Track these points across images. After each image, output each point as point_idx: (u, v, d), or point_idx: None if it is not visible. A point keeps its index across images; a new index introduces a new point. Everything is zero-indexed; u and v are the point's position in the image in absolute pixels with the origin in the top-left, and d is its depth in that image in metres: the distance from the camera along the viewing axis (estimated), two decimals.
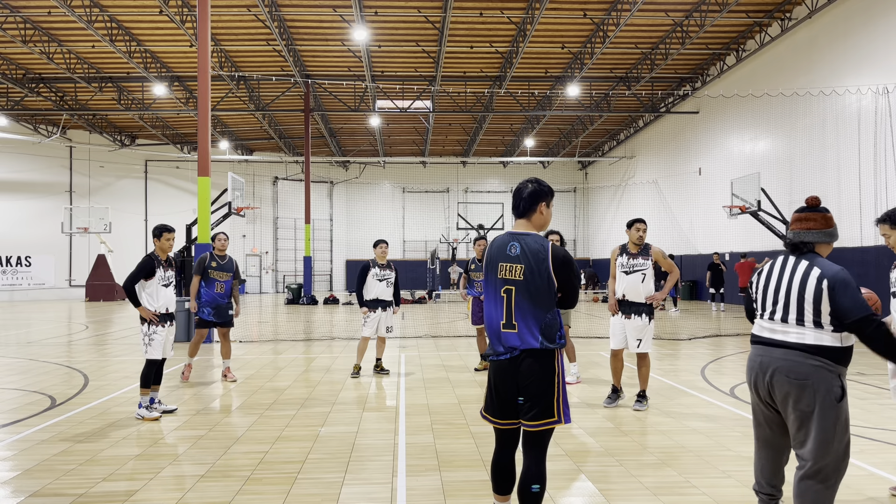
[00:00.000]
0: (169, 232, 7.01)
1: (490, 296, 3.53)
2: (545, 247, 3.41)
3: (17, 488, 4.75)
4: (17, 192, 33.99)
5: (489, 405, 3.58)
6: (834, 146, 19.45)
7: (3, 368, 10.40)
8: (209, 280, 8.97)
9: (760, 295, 3.72)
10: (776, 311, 3.58)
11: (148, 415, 6.83)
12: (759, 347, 3.64)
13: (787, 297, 3.54)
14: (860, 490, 4.63)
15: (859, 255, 18.28)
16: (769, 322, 3.62)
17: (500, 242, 3.54)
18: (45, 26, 21.87)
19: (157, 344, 6.89)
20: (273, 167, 41.12)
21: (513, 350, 3.43)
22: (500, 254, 3.49)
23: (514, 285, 3.43)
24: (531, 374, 3.41)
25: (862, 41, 18.31)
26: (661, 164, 32.27)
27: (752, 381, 3.66)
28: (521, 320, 3.41)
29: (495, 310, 3.49)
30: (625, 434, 6.13)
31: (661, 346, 12.81)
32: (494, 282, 3.49)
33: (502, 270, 3.46)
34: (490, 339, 3.53)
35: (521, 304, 3.41)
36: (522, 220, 3.57)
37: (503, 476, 3.65)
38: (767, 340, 3.59)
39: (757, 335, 3.68)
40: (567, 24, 21.92)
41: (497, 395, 3.51)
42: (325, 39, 23.33)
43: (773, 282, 3.64)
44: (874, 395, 7.81)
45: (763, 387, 3.57)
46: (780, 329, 3.55)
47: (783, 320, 3.53)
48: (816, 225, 3.93)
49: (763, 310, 3.68)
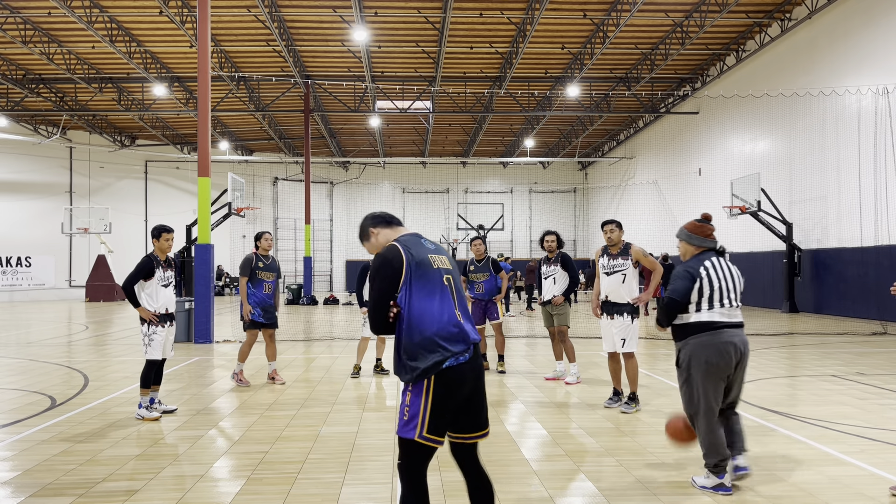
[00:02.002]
0: (168, 232, 6.98)
1: (431, 291, 3.16)
2: None
3: (17, 488, 4.75)
4: (18, 192, 33.99)
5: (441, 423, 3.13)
6: (834, 146, 19.45)
7: (4, 369, 10.39)
8: (257, 281, 8.71)
9: (717, 290, 4.62)
10: (731, 300, 4.68)
11: (148, 415, 6.82)
12: (730, 331, 4.61)
13: (734, 288, 4.71)
14: (861, 490, 4.63)
15: (859, 255, 18.28)
16: (729, 309, 4.65)
17: (408, 239, 3.28)
18: (45, 27, 21.87)
19: (156, 344, 6.87)
20: (273, 168, 41.12)
21: (469, 346, 3.14)
22: (420, 248, 3.25)
23: (450, 274, 3.29)
24: (482, 373, 3.25)
25: (862, 41, 18.31)
26: (661, 164, 32.28)
27: (728, 358, 4.55)
28: (463, 311, 3.24)
29: (442, 303, 3.15)
30: (624, 434, 6.13)
31: (660, 346, 12.82)
32: (435, 273, 3.20)
33: (435, 262, 3.24)
34: (440, 344, 3.08)
35: (459, 294, 3.29)
36: (403, 228, 3.45)
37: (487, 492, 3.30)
38: (733, 324, 4.66)
39: (721, 321, 4.60)
40: (567, 25, 21.92)
41: (448, 406, 3.12)
42: (325, 40, 23.34)
43: (722, 279, 4.66)
44: (874, 395, 7.81)
45: (734, 361, 4.59)
46: (736, 314, 4.70)
47: (735, 306, 4.69)
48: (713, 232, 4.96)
49: (721, 302, 4.63)
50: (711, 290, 4.62)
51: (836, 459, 5.33)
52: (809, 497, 4.49)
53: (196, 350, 12.59)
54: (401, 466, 3.22)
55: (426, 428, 3.10)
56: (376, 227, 3.43)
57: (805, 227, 20.74)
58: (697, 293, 4.63)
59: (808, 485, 4.73)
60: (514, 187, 43.71)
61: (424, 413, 3.09)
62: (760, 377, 9.12)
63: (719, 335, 4.56)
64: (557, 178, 43.62)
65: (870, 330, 15.15)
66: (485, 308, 9.68)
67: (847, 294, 18.88)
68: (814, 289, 20.38)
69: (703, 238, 4.84)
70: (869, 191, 17.96)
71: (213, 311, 13.88)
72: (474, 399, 3.22)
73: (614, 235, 7.14)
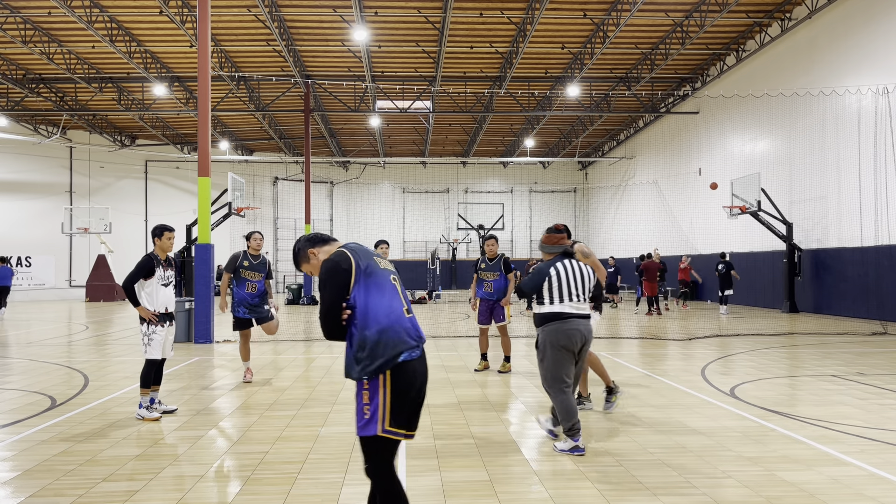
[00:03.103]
0: (170, 231, 7.00)
1: (382, 288, 3.25)
2: None
3: (17, 488, 4.75)
4: (18, 192, 33.99)
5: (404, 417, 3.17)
6: (834, 146, 19.45)
7: (4, 369, 10.40)
8: (240, 279, 8.70)
9: (566, 286, 5.63)
10: (578, 295, 5.66)
11: (148, 415, 6.83)
12: (576, 320, 5.59)
13: (581, 285, 5.70)
14: (861, 490, 4.63)
15: (859, 255, 18.28)
16: (576, 303, 5.65)
17: (354, 246, 3.38)
18: (46, 27, 21.87)
19: (156, 344, 6.87)
20: (273, 167, 41.12)
21: (420, 341, 3.25)
22: (365, 252, 3.35)
23: (396, 274, 3.43)
24: (427, 374, 3.31)
25: (862, 41, 18.31)
26: (661, 164, 32.27)
27: (574, 342, 5.55)
28: (410, 310, 3.34)
29: (392, 300, 3.24)
30: (624, 434, 6.13)
31: (660, 346, 12.82)
32: (382, 274, 3.30)
33: (381, 263, 3.36)
34: (395, 336, 3.16)
35: (405, 295, 3.38)
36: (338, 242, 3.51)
37: None
38: (579, 315, 5.63)
39: (568, 312, 5.59)
40: (567, 25, 21.92)
41: (409, 397, 3.18)
42: (325, 40, 23.33)
43: (570, 277, 5.66)
44: (874, 395, 7.81)
45: (579, 344, 5.59)
46: (582, 307, 5.68)
47: (581, 300, 5.68)
48: (566, 239, 5.92)
49: (569, 296, 5.63)
50: (560, 286, 5.64)
51: (836, 459, 5.33)
52: (809, 497, 4.49)
53: (196, 350, 12.59)
54: (368, 470, 3.21)
55: (388, 421, 3.12)
56: (315, 246, 3.47)
57: (805, 226, 20.74)
58: (548, 289, 5.64)
59: (808, 485, 4.73)
60: (515, 187, 43.70)
61: (384, 407, 3.12)
62: (761, 377, 9.13)
63: (567, 323, 5.56)
64: (557, 177, 43.61)
65: (870, 330, 15.15)
66: (491, 309, 9.64)
67: (847, 294, 18.88)
68: (814, 289, 20.38)
69: (552, 246, 5.88)
70: (869, 190, 17.96)
71: (213, 311, 13.87)
72: (422, 393, 3.26)
73: None
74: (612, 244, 37.57)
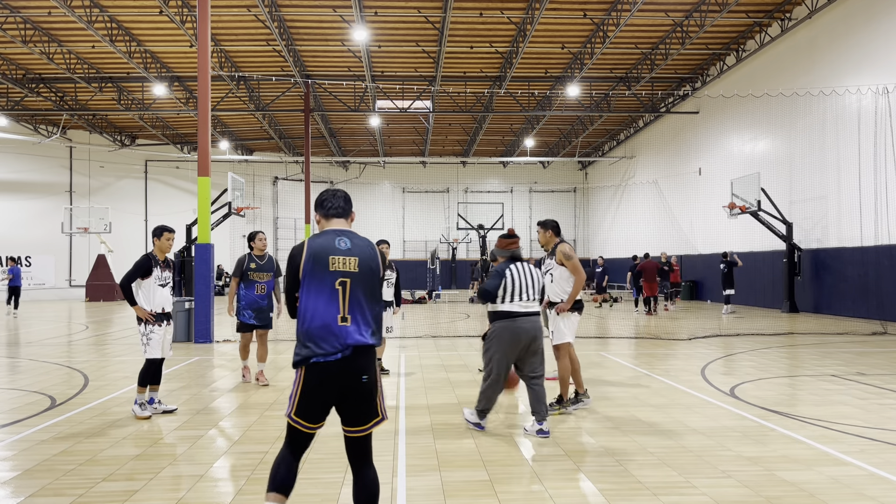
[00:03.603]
0: (169, 232, 7.02)
1: (320, 291, 3.38)
2: (372, 244, 3.57)
3: (17, 488, 4.75)
4: (18, 192, 33.99)
5: (303, 409, 3.35)
6: (834, 146, 19.45)
7: (3, 368, 10.40)
8: (249, 282, 8.62)
9: (517, 287, 6.11)
10: (528, 296, 6.15)
11: (140, 413, 6.86)
12: (524, 318, 6.08)
13: (533, 286, 6.21)
14: (860, 490, 4.63)
15: (859, 254, 18.28)
16: (525, 302, 6.13)
17: (324, 239, 3.47)
18: (46, 26, 21.87)
19: (154, 343, 6.89)
20: (273, 167, 41.12)
21: (346, 348, 3.33)
22: (329, 248, 3.42)
23: (350, 277, 3.41)
24: (362, 374, 3.37)
25: (862, 41, 18.31)
26: (661, 164, 32.27)
27: (521, 338, 6.04)
28: (354, 315, 3.39)
29: (328, 304, 3.36)
30: (624, 434, 6.13)
31: (660, 346, 12.82)
32: (329, 274, 3.39)
33: (335, 263, 3.40)
34: (318, 339, 3.33)
35: (356, 297, 3.41)
36: (342, 220, 3.64)
37: (292, 474, 3.43)
38: (528, 313, 6.12)
39: (518, 311, 6.07)
40: (567, 25, 21.92)
41: (317, 398, 3.33)
42: (325, 39, 23.33)
43: (522, 279, 6.15)
44: (874, 395, 7.81)
45: (526, 340, 6.07)
46: (531, 306, 6.16)
47: (531, 300, 6.17)
48: (518, 244, 6.47)
49: (519, 297, 6.10)
50: (512, 287, 6.11)
51: (835, 459, 5.32)
52: (809, 497, 4.49)
53: (196, 350, 12.59)
54: None
55: (294, 410, 3.38)
56: (317, 213, 3.66)
57: (805, 226, 20.73)
58: (502, 289, 6.10)
59: (808, 485, 4.73)
60: (515, 187, 43.70)
61: (294, 397, 3.38)
62: (761, 377, 9.13)
63: (516, 322, 6.06)
64: (557, 177, 43.60)
65: (870, 330, 15.15)
66: None
67: (847, 294, 18.88)
68: (814, 288, 20.37)
69: (504, 250, 6.39)
70: (869, 190, 17.95)
71: (213, 311, 13.87)
72: (350, 396, 3.38)
73: (541, 237, 7.23)
74: (611, 244, 37.59)
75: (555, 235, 7.18)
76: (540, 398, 6.11)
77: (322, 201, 3.65)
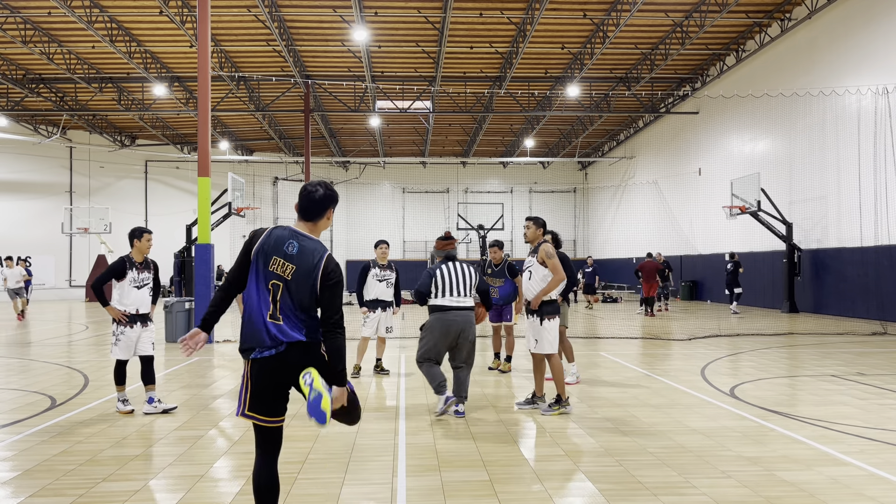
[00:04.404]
0: (148, 234, 7.16)
1: (257, 287, 3.41)
2: (321, 255, 3.39)
3: (17, 488, 4.75)
4: (18, 192, 33.98)
5: (255, 404, 3.40)
6: (834, 146, 19.46)
7: (4, 368, 10.40)
8: None
9: (449, 284, 6.89)
10: (460, 291, 6.92)
11: (122, 408, 7.06)
12: (456, 312, 6.86)
13: (465, 283, 6.96)
14: (860, 490, 4.63)
15: (859, 255, 18.29)
16: (458, 298, 6.90)
17: (279, 235, 3.44)
18: (46, 27, 21.87)
19: (122, 345, 7.01)
20: (273, 167, 41.12)
21: (278, 344, 3.34)
22: (276, 248, 3.40)
23: (282, 283, 3.37)
24: (294, 367, 3.38)
25: (862, 41, 18.31)
26: (661, 164, 32.27)
27: (455, 331, 6.82)
28: (285, 315, 3.37)
29: (259, 301, 3.39)
30: (624, 434, 6.14)
31: (660, 346, 12.82)
32: (264, 273, 3.40)
33: (274, 264, 3.38)
34: (250, 333, 3.39)
35: (285, 301, 3.37)
36: (307, 223, 3.51)
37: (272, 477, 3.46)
38: (460, 308, 6.90)
39: (450, 305, 6.86)
40: (567, 25, 21.92)
41: (262, 391, 3.38)
42: (325, 40, 23.33)
43: (455, 277, 6.95)
44: (874, 395, 7.81)
45: (455, 332, 6.84)
46: (464, 301, 6.93)
47: (463, 295, 6.92)
48: (454, 245, 7.37)
49: (451, 292, 6.88)
50: (443, 284, 6.89)
51: (835, 459, 5.33)
52: (809, 497, 4.49)
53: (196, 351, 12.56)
54: None
55: (246, 406, 3.42)
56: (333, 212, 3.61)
57: (805, 226, 20.74)
58: (435, 286, 6.91)
59: (808, 485, 4.73)
60: (514, 187, 43.70)
61: (244, 393, 3.44)
62: (760, 377, 9.13)
63: (448, 314, 6.84)
64: (557, 177, 43.59)
65: (870, 330, 15.15)
66: (500, 310, 9.79)
67: (847, 294, 18.88)
68: (814, 289, 20.38)
69: (440, 251, 7.22)
70: (869, 191, 17.96)
71: None
72: (280, 390, 3.43)
73: (527, 233, 7.20)
74: (611, 244, 37.58)
75: (543, 233, 7.20)
76: (462, 383, 6.96)
77: (299, 195, 3.55)
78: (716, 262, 25.81)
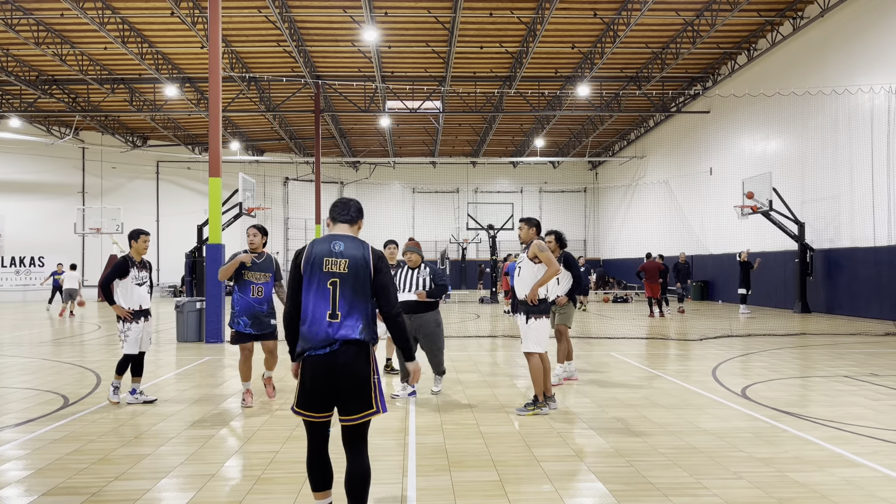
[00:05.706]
0: (146, 235, 7.57)
1: (312, 290, 3.69)
2: (367, 246, 3.81)
3: (30, 487, 4.79)
4: (31, 193, 34.25)
5: (303, 400, 3.65)
6: (846, 145, 19.31)
7: (17, 368, 10.49)
8: (243, 283, 7.39)
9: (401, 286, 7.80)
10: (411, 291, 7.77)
11: (112, 398, 7.46)
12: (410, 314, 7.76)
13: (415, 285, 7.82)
14: (873, 492, 4.59)
15: (872, 255, 18.14)
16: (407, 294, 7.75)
17: (321, 242, 3.78)
18: (58, 28, 22.03)
19: (132, 340, 7.43)
20: (283, 168, 41.25)
21: (334, 342, 3.60)
22: (325, 251, 3.72)
23: (339, 277, 3.68)
24: (350, 367, 3.61)
25: (875, 40, 18.16)
26: (672, 163, 32.14)
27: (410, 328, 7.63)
28: (343, 312, 3.65)
29: (317, 302, 3.65)
30: (635, 434, 6.11)
31: (671, 346, 12.77)
32: (319, 275, 3.69)
33: (328, 264, 3.69)
34: (309, 335, 3.63)
35: (345, 296, 3.67)
36: (346, 226, 3.89)
37: (326, 467, 3.80)
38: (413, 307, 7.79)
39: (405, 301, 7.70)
40: (577, 24, 21.86)
41: (314, 389, 3.61)
42: (335, 40, 23.38)
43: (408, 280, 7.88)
44: (887, 396, 7.75)
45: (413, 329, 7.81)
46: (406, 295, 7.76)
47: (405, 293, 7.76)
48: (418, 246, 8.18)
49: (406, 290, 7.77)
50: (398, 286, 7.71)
51: (848, 461, 5.29)
52: (821, 498, 4.46)
53: (207, 350, 12.65)
54: None
55: (296, 402, 3.70)
56: (329, 217, 3.96)
57: (817, 226, 20.59)
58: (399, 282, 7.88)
59: (820, 486, 4.70)
60: (525, 187, 43.64)
61: (297, 389, 3.70)
62: (772, 378, 9.07)
63: None
64: (568, 177, 43.51)
65: (883, 330, 15.03)
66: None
67: (860, 294, 18.73)
68: (826, 289, 20.23)
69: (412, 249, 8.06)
70: (882, 190, 17.81)
71: (223, 311, 13.92)
72: (342, 387, 3.62)
73: (521, 233, 7.16)
74: (622, 244, 37.47)
75: (536, 234, 7.17)
76: None
77: (333, 207, 3.93)
78: (727, 262, 25.68)
